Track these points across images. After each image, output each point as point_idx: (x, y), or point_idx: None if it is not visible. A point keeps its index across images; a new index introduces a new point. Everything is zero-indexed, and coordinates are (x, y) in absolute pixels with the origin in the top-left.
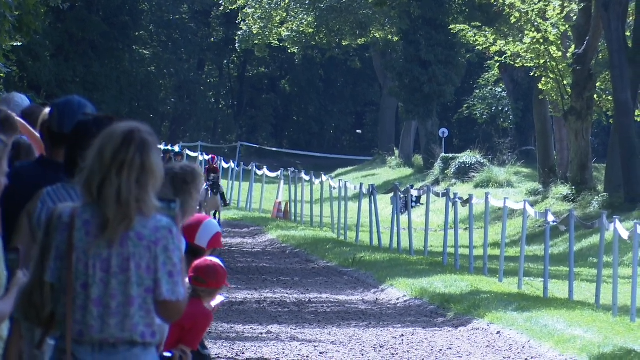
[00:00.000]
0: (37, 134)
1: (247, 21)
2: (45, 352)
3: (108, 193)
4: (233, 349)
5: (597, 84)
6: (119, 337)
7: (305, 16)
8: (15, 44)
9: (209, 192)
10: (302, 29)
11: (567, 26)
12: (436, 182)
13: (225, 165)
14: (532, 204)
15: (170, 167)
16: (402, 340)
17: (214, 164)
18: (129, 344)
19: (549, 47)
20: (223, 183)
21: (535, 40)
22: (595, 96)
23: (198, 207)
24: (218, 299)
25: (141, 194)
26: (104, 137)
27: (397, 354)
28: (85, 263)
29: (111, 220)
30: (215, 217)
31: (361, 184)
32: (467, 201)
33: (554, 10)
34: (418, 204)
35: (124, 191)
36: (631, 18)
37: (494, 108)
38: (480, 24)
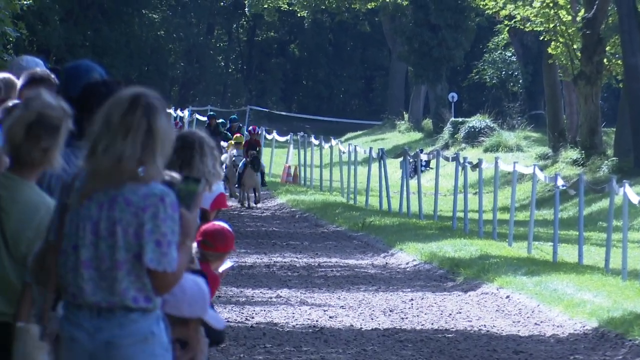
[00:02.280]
0: None
1: None
2: (59, 314)
3: (111, 156)
4: (242, 313)
5: (607, 48)
6: (110, 302)
7: None
8: (24, 3)
9: (248, 167)
10: None
11: None
12: (445, 146)
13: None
14: (542, 168)
15: (192, 134)
16: (412, 304)
17: (256, 135)
18: (124, 309)
19: (559, 11)
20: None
21: (544, 4)
22: (604, 60)
23: (236, 185)
24: (227, 265)
25: (146, 157)
26: (111, 102)
27: (406, 318)
28: (76, 225)
29: (100, 177)
30: (254, 196)
31: (370, 148)
32: (477, 165)
33: None
34: (427, 168)
35: (127, 152)
36: None
37: (503, 72)
38: None
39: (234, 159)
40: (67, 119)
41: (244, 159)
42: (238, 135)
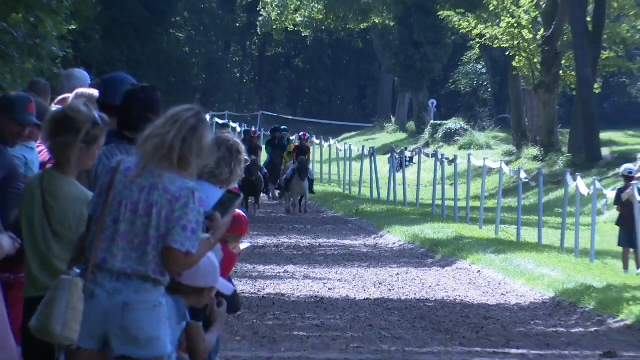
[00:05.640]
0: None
1: (267, 8)
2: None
3: (155, 139)
4: (255, 285)
5: (562, 62)
6: (135, 270)
7: (316, 4)
8: (71, 27)
9: (295, 175)
10: (313, 15)
11: (537, 12)
12: (426, 144)
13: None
14: (507, 163)
15: (226, 138)
16: (398, 278)
17: (306, 142)
18: (142, 278)
19: (522, 31)
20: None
21: (510, 25)
22: (560, 72)
23: (286, 192)
24: (245, 246)
25: (186, 152)
26: (177, 110)
27: (393, 289)
28: (119, 202)
29: (146, 160)
30: (300, 203)
31: (363, 147)
32: (453, 161)
33: (526, 0)
34: (411, 163)
35: (171, 138)
36: (591, 5)
37: (475, 82)
38: (464, 11)
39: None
40: (90, 124)
41: (293, 165)
42: (291, 144)
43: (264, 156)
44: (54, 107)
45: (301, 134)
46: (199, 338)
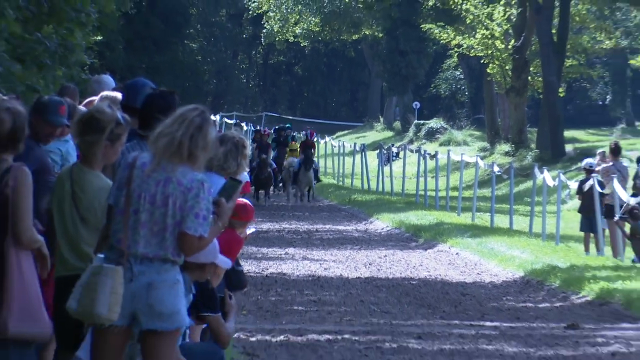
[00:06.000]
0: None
1: (270, 22)
2: (99, 260)
3: (166, 137)
4: (259, 266)
5: (531, 69)
6: (156, 253)
7: (313, 18)
8: (97, 38)
9: (302, 167)
10: (310, 28)
11: (508, 25)
12: (410, 141)
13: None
14: (482, 158)
15: (232, 135)
16: (385, 259)
17: (312, 139)
18: (162, 260)
19: (495, 41)
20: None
21: (484, 36)
22: (529, 78)
23: (294, 185)
24: (251, 231)
25: (192, 148)
26: (181, 109)
27: (381, 269)
28: (138, 194)
29: (159, 157)
30: (308, 193)
31: (355, 143)
32: (434, 156)
33: (498, 14)
34: (397, 158)
35: (178, 137)
36: (556, 19)
37: (453, 86)
38: (444, 24)
39: (289, 167)
40: (114, 124)
41: (300, 158)
42: (293, 142)
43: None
44: (81, 109)
45: (309, 131)
46: (221, 327)
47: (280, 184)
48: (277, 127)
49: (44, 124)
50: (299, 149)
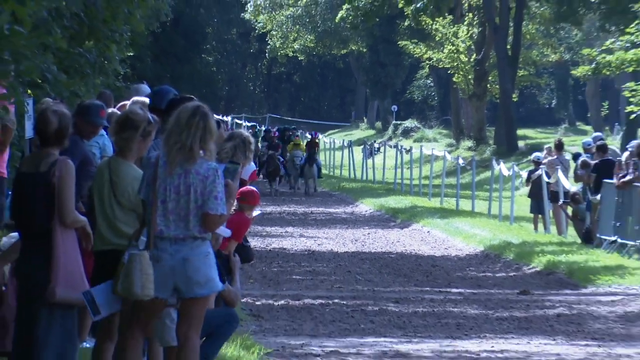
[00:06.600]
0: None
1: (273, 39)
2: (142, 242)
3: (177, 145)
4: (264, 242)
5: (489, 78)
6: (186, 234)
7: (309, 36)
8: (129, 53)
9: (307, 162)
10: (306, 44)
11: (471, 42)
12: (389, 138)
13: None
14: (449, 152)
15: (240, 132)
16: (369, 236)
17: (316, 139)
18: (192, 238)
19: (460, 55)
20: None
21: (451, 51)
22: (488, 85)
23: (300, 177)
24: (257, 213)
25: (204, 145)
26: (181, 109)
27: (365, 245)
28: (164, 187)
29: (173, 161)
30: (311, 185)
31: (343, 140)
32: (409, 151)
33: (462, 32)
34: (378, 152)
35: (189, 143)
36: (510, 37)
37: (425, 93)
38: (417, 41)
39: (294, 158)
40: (146, 123)
41: (306, 156)
42: (297, 138)
43: None
44: (115, 112)
45: (313, 133)
46: (231, 292)
47: (286, 174)
48: (281, 127)
49: (87, 124)
50: (301, 144)
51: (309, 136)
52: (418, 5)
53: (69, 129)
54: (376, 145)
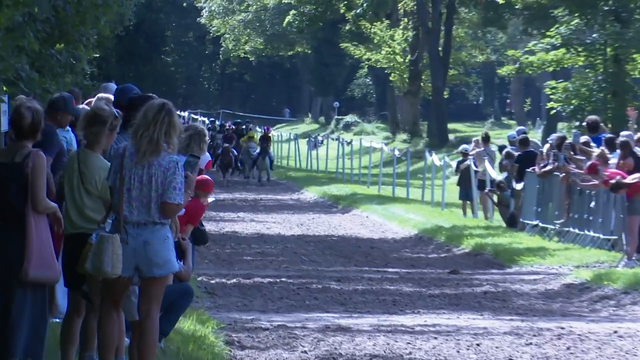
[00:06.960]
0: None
1: (226, 42)
2: (108, 225)
3: (146, 138)
4: (218, 226)
5: (423, 77)
6: (147, 220)
7: (259, 39)
8: (96, 55)
9: (260, 156)
10: (257, 46)
11: (406, 44)
12: (332, 132)
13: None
14: (386, 144)
15: (195, 125)
16: (313, 220)
17: (269, 133)
18: (152, 223)
19: (396, 56)
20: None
21: (388, 52)
22: (421, 84)
23: (255, 168)
24: (211, 199)
25: (168, 139)
26: (148, 106)
27: (310, 228)
28: (129, 177)
29: (142, 153)
30: (264, 176)
31: (290, 133)
32: (350, 143)
33: (398, 36)
34: (322, 144)
35: (156, 137)
36: (442, 40)
37: (365, 90)
38: (357, 43)
39: (249, 150)
40: (112, 118)
41: (259, 149)
42: (251, 131)
43: None
44: (84, 106)
45: (266, 127)
46: (183, 273)
47: (240, 165)
48: (235, 121)
49: (69, 115)
50: (255, 137)
51: (262, 130)
52: (358, 11)
53: (41, 123)
54: (320, 138)
